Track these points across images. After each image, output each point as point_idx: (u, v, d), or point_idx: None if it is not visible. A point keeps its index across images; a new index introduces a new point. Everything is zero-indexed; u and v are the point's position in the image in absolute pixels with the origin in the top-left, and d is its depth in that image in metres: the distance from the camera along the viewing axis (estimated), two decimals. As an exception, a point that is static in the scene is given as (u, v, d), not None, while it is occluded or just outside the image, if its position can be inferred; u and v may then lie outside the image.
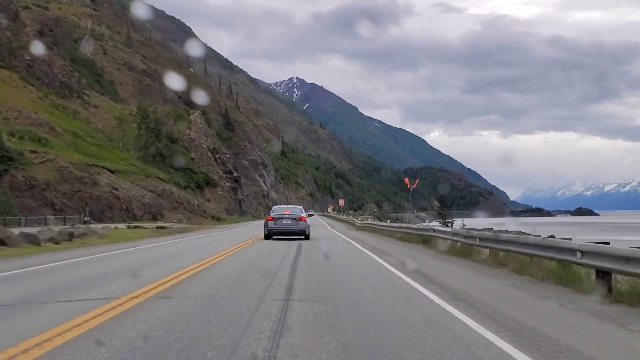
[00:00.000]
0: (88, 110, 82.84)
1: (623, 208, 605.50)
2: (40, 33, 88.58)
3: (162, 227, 43.38)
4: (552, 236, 19.80)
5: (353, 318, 6.95)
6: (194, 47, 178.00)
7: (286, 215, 26.61)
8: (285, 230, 26.26)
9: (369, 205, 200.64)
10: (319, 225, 53.30)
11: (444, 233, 20.46)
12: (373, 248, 21.39)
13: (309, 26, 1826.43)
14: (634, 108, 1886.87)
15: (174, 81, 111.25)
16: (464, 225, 36.62)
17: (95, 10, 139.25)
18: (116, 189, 58.04)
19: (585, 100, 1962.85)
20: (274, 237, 25.94)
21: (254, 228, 45.24)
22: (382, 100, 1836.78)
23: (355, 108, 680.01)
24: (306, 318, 6.88)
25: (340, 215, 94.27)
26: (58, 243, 23.69)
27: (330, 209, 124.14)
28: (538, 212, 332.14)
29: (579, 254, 9.37)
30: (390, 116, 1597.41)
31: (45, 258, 16.35)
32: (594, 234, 53.95)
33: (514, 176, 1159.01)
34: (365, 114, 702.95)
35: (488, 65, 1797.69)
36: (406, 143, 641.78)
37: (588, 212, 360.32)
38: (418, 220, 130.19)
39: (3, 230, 21.60)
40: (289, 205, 40.10)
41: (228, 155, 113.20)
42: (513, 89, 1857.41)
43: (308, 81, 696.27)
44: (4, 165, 48.36)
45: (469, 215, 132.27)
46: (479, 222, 76.26)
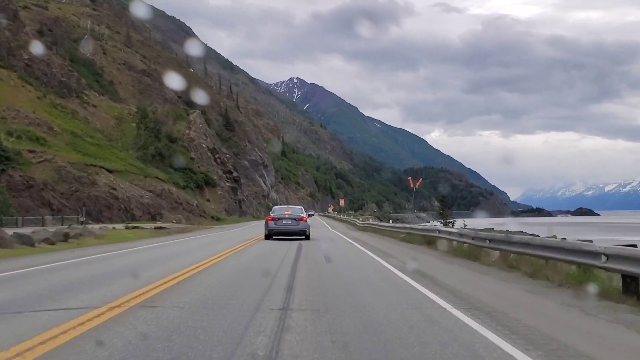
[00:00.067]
0: (87, 110, 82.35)
1: (623, 208, 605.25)
2: (40, 33, 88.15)
3: (161, 228, 42.97)
4: (554, 236, 19.22)
5: (359, 332, 6.28)
6: (193, 47, 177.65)
7: (287, 216, 26.71)
8: (286, 230, 26.30)
9: (370, 206, 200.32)
10: (319, 226, 52.82)
11: (449, 234, 19.62)
12: (376, 249, 20.74)
13: (308, 26, 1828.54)
14: (634, 108, 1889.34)
15: (173, 81, 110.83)
16: (465, 226, 36.22)
17: (94, 10, 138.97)
18: (115, 189, 57.54)
19: (586, 100, 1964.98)
20: (274, 237, 25.94)
21: (254, 228, 44.81)
22: (383, 100, 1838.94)
23: (356, 108, 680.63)
24: (306, 332, 6.21)
25: (340, 216, 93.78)
26: (53, 244, 23.20)
27: (330, 209, 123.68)
28: (538, 212, 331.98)
29: (604, 258, 8.70)
30: (390, 116, 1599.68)
31: (36, 260, 15.78)
32: (596, 234, 53.43)
33: (514, 176, 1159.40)
34: (365, 114, 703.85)
35: (488, 65, 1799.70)
36: (406, 143, 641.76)
37: (588, 212, 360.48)
38: (418, 221, 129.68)
39: (-4, 230, 21.15)
40: (290, 206, 40.58)
41: (228, 155, 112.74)
42: (513, 89, 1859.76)
43: (308, 81, 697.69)
44: (2, 165, 47.96)
45: (469, 216, 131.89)
46: (479, 222, 75.90)
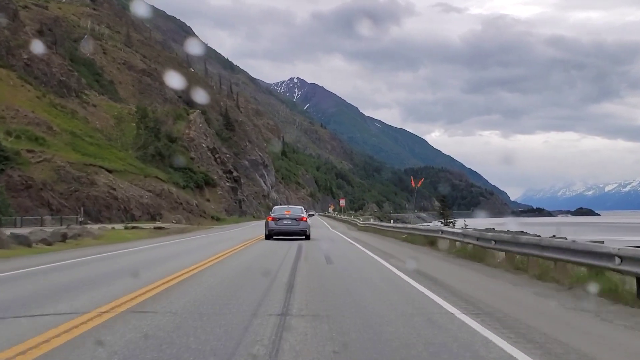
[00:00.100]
0: (86, 110, 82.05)
1: (624, 208, 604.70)
2: (40, 32, 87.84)
3: (160, 228, 42.74)
4: (554, 236, 18.86)
5: (363, 341, 5.91)
6: (194, 47, 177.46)
7: (287, 216, 26.78)
8: (286, 230, 26.31)
9: (370, 206, 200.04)
10: (319, 226, 52.57)
11: (453, 234, 19.13)
12: (377, 250, 20.40)
13: (309, 26, 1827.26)
14: (634, 108, 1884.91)
15: (174, 81, 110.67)
16: (466, 225, 35.99)
17: (95, 9, 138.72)
18: (114, 189, 57.26)
19: (586, 100, 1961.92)
20: (274, 237, 25.91)
21: (254, 228, 44.56)
22: (383, 100, 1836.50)
23: (356, 108, 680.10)
24: (306, 341, 5.85)
25: (341, 216, 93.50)
26: (50, 244, 22.93)
27: (331, 209, 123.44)
28: (539, 212, 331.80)
29: (618, 260, 8.31)
30: (390, 116, 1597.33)
31: (30, 261, 15.46)
32: (601, 234, 53.11)
33: (514, 176, 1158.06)
34: (365, 114, 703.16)
35: (489, 65, 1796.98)
36: (407, 143, 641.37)
37: (589, 212, 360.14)
38: (419, 221, 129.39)
39: (-8, 230, 20.91)
40: (290, 206, 40.73)
41: (228, 155, 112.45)
42: (514, 89, 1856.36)
43: (309, 81, 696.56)
44: (0, 164, 47.68)
45: (470, 216, 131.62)
46: (479, 222, 75.48)
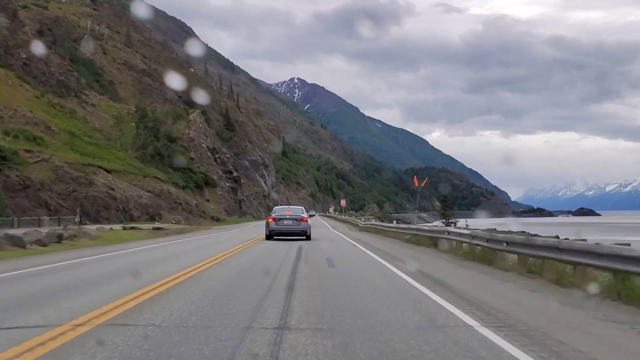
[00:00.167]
0: (85, 110, 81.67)
1: (624, 208, 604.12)
2: (40, 32, 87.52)
3: (159, 228, 42.38)
4: (557, 237, 18.37)
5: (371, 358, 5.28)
6: (194, 47, 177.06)
7: (287, 216, 26.80)
8: (287, 230, 26.32)
9: (370, 206, 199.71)
10: (320, 226, 52.23)
11: (460, 235, 18.34)
12: (381, 252, 19.83)
13: (309, 26, 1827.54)
14: (635, 108, 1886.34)
15: (174, 81, 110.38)
16: (467, 226, 35.66)
17: (95, 9, 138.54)
18: (113, 189, 56.86)
19: (587, 100, 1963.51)
20: (275, 238, 25.89)
21: (254, 229, 44.23)
22: (383, 100, 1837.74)
23: (356, 108, 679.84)
24: None
25: (341, 216, 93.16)
26: (45, 245, 22.55)
27: (331, 210, 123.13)
28: (539, 213, 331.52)
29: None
30: (391, 116, 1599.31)
31: (20, 263, 14.93)
32: (603, 235, 52.74)
33: (515, 176, 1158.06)
34: (366, 114, 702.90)
35: (489, 65, 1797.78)
36: (407, 143, 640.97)
37: (590, 213, 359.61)
38: (420, 221, 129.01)
39: (-16, 232, 20.56)
40: (290, 206, 40.47)
41: (228, 155, 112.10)
42: (514, 89, 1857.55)
43: (309, 81, 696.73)
44: (-2, 164, 47.27)
45: (470, 216, 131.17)
46: (480, 223, 75.05)
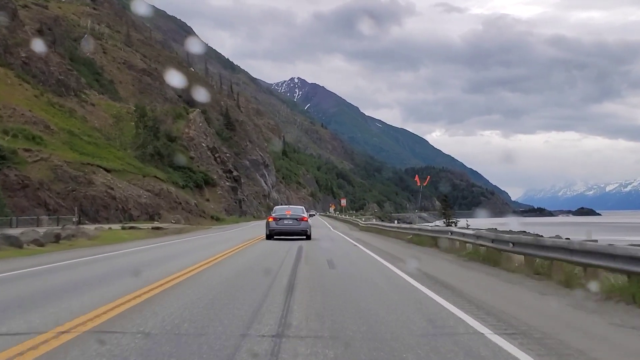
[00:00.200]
0: (85, 109, 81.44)
1: (625, 208, 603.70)
2: (39, 32, 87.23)
3: (158, 228, 42.17)
4: (558, 236, 18.05)
5: None
6: (194, 47, 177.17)
7: (288, 216, 26.86)
8: (287, 230, 26.37)
9: (371, 205, 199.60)
10: (321, 226, 52.03)
11: (464, 236, 17.96)
12: (383, 252, 19.60)
13: (310, 26, 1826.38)
14: (635, 108, 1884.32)
15: (174, 80, 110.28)
16: (468, 225, 35.56)
17: (95, 9, 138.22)
18: (112, 189, 56.67)
19: (587, 100, 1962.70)
20: (275, 237, 25.93)
21: (253, 229, 44.08)
22: (384, 100, 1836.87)
23: (357, 108, 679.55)
24: None
25: (342, 215, 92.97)
26: (42, 245, 22.36)
27: (332, 209, 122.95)
28: (540, 212, 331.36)
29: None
30: (391, 116, 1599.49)
31: (15, 264, 14.75)
32: (608, 235, 52.36)
33: (515, 176, 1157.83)
34: (366, 114, 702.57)
35: (490, 65, 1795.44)
36: (407, 143, 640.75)
37: (590, 212, 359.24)
38: (420, 221, 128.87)
39: (-20, 231, 20.37)
40: (291, 206, 40.64)
41: (228, 155, 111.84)
42: (515, 88, 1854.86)
43: (309, 81, 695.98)
44: (-4, 164, 47.07)
45: (471, 215, 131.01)
46: (481, 222, 74.90)
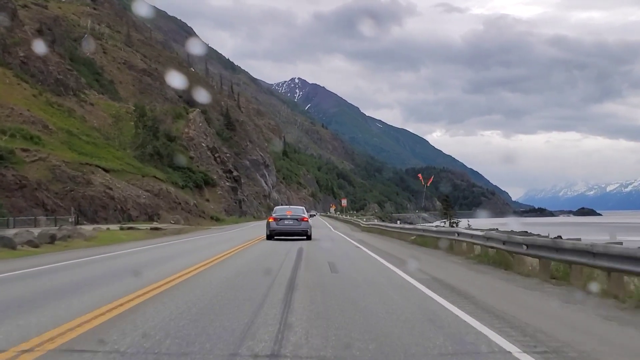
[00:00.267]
0: (84, 109, 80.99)
1: (625, 208, 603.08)
2: (39, 32, 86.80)
3: (157, 229, 41.72)
4: (560, 237, 17.50)
5: None
6: (195, 47, 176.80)
7: (288, 216, 26.84)
8: (288, 230, 26.39)
9: (372, 206, 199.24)
10: (321, 226, 51.57)
11: (472, 237, 17.10)
12: (386, 254, 19.00)
13: (310, 26, 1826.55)
14: (636, 108, 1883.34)
15: (174, 80, 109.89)
16: (470, 225, 35.11)
17: (95, 9, 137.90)
18: (111, 189, 56.19)
19: (588, 100, 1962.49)
20: (275, 238, 25.97)
21: (253, 229, 43.64)
22: (384, 100, 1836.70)
23: (357, 108, 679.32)
24: None
25: (343, 216, 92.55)
26: (37, 246, 21.87)
27: (332, 209, 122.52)
28: (541, 213, 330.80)
29: None
30: (392, 116, 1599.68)
31: (3, 266, 14.25)
32: (606, 235, 51.92)
33: (516, 176, 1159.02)
34: (367, 114, 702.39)
35: (490, 65, 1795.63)
36: (408, 143, 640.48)
37: (591, 212, 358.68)
38: (421, 221, 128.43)
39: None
40: (291, 206, 40.38)
41: (228, 155, 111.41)
42: (515, 89, 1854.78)
43: (310, 81, 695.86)
44: (-6, 164, 46.63)
45: (471, 216, 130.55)
46: (482, 222, 74.32)
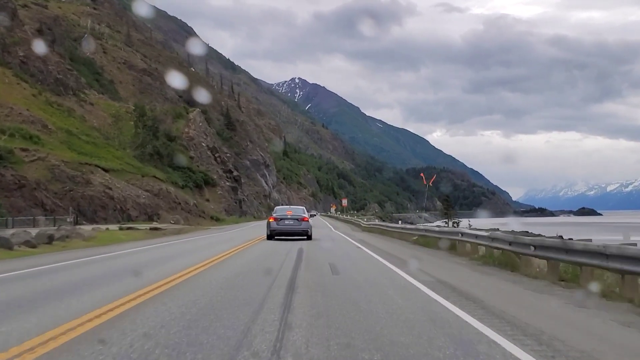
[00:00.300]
0: (84, 108, 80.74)
1: (626, 208, 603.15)
2: (39, 31, 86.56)
3: (156, 229, 41.49)
4: (560, 236, 17.26)
5: None
6: (195, 47, 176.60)
7: (289, 216, 26.79)
8: (288, 230, 26.38)
9: (372, 206, 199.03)
10: (322, 226, 51.31)
11: (477, 237, 16.76)
12: (388, 255, 18.72)
13: (310, 26, 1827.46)
14: (636, 108, 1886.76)
15: (175, 80, 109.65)
16: (470, 225, 34.90)
17: (95, 9, 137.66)
18: (110, 189, 55.94)
19: (588, 100, 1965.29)
20: (276, 237, 26.00)
21: (253, 229, 43.41)
22: (384, 100, 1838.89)
23: (357, 108, 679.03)
24: None
25: (343, 216, 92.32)
26: (34, 247, 21.65)
27: (333, 209, 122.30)
28: (541, 212, 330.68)
29: None
30: (392, 116, 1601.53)
31: (0, 267, 14.06)
32: (608, 235, 51.61)
33: (516, 176, 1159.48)
34: (367, 114, 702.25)
35: (490, 65, 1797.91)
36: (408, 143, 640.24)
37: (591, 212, 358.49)
38: (421, 221, 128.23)
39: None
40: (292, 206, 40.24)
41: (228, 155, 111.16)
42: (515, 88, 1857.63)
43: (310, 81, 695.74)
44: (-7, 163, 46.38)
45: (472, 215, 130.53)
46: (482, 222, 74.15)
